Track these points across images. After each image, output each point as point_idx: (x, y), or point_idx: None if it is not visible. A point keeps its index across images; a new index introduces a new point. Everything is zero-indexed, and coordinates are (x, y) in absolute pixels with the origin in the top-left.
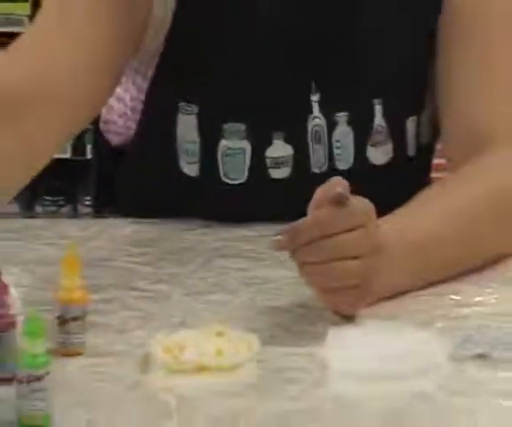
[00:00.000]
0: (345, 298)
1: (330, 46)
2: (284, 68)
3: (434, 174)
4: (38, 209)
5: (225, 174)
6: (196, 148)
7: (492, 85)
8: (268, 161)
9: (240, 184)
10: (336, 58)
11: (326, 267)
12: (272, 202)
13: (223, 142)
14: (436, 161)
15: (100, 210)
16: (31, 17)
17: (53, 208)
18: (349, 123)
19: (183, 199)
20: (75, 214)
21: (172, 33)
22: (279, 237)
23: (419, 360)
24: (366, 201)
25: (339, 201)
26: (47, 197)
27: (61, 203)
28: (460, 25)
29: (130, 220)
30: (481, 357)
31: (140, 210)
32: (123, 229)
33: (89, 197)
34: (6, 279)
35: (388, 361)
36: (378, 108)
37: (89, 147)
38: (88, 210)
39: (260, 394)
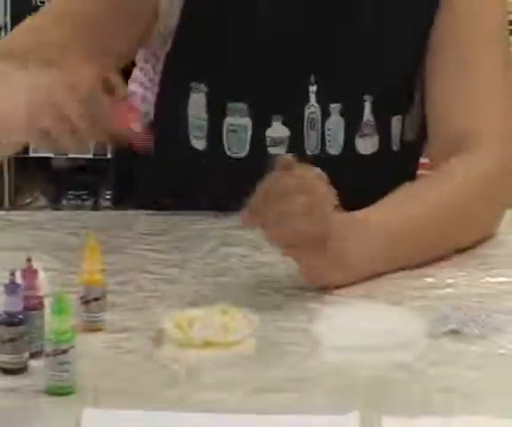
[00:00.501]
0: (306, 254)
1: (328, 45)
2: (285, 61)
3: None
4: (64, 203)
5: (229, 148)
6: (204, 124)
7: (475, 89)
8: (267, 140)
9: (241, 158)
10: (333, 56)
11: (282, 226)
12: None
13: (228, 120)
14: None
15: (119, 203)
16: None
17: (77, 202)
18: (342, 114)
19: (193, 174)
20: (96, 207)
21: (181, 23)
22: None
23: (399, 335)
24: (317, 170)
25: (286, 166)
26: (72, 192)
27: (84, 197)
28: (449, 30)
29: (145, 212)
30: (454, 332)
31: (156, 191)
32: (138, 220)
33: (109, 192)
34: (36, 264)
35: (372, 336)
36: (367, 105)
37: (109, 147)
38: (108, 203)
39: (258, 364)
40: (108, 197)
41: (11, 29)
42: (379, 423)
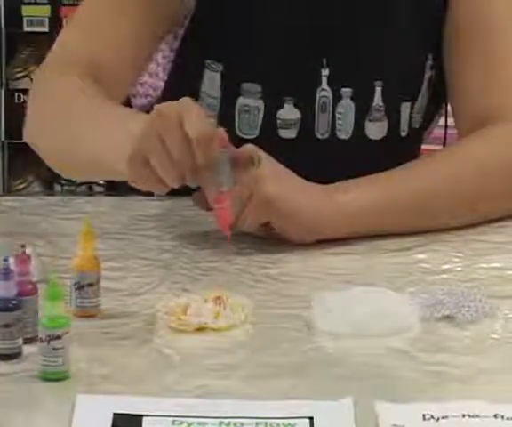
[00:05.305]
0: (247, 214)
1: (341, 29)
2: (298, 43)
3: None
4: (57, 188)
5: (240, 129)
6: (217, 103)
7: (500, 64)
8: (278, 122)
9: (252, 140)
10: (345, 40)
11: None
12: (279, 159)
13: (241, 100)
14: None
15: (112, 189)
16: (51, 18)
17: (71, 187)
18: (352, 98)
19: None
20: (89, 193)
21: (201, 0)
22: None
23: (393, 321)
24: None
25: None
26: (65, 178)
27: (78, 182)
28: (466, 10)
29: (138, 197)
30: (447, 318)
31: None
32: (132, 205)
33: None
34: (30, 250)
35: (367, 322)
36: (378, 90)
37: None
38: (101, 189)
39: (253, 350)
40: (102, 182)
41: None
42: (373, 409)
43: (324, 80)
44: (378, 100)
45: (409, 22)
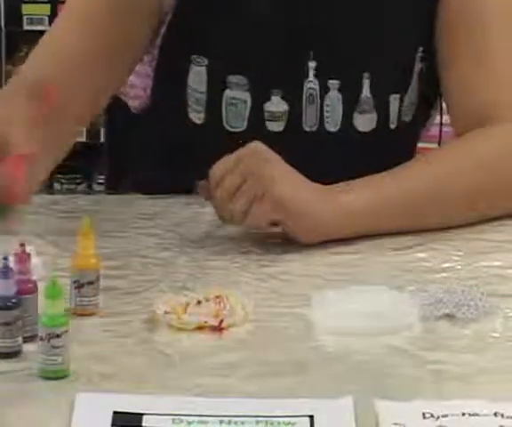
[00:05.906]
0: (257, 213)
1: (328, 21)
2: (285, 36)
3: None
4: (57, 187)
5: (227, 122)
6: (203, 97)
7: (494, 61)
8: (265, 114)
9: (239, 132)
10: (332, 32)
11: (248, 222)
12: None
13: (228, 93)
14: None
15: (113, 187)
16: (50, 16)
17: (70, 186)
18: (340, 90)
19: (190, 146)
20: (89, 191)
21: None
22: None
23: (393, 319)
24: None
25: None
26: (65, 176)
27: (78, 181)
28: (459, 7)
29: (138, 196)
30: (448, 316)
31: (150, 164)
32: (132, 204)
33: (102, 176)
34: (29, 249)
35: (367, 320)
36: (366, 82)
37: (102, 131)
38: (101, 188)
39: (253, 349)
40: (101, 181)
41: None
42: (373, 408)
43: (311, 72)
44: (366, 91)
45: (400, 16)
